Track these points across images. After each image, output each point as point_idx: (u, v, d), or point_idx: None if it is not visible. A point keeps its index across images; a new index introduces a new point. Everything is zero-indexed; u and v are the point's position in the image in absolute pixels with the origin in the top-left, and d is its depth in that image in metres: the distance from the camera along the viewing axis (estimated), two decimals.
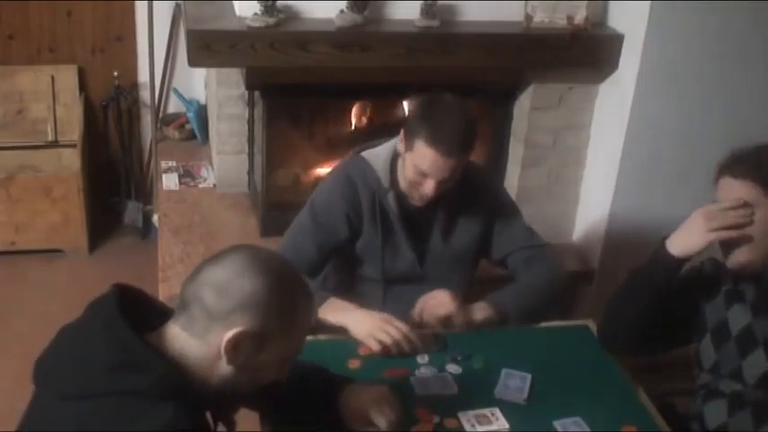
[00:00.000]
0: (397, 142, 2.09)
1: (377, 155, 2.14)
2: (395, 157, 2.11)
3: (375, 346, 1.88)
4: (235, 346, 1.28)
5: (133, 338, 1.25)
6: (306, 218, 2.13)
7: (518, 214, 2.24)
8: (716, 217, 1.71)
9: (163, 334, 1.32)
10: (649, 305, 1.82)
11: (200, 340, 1.29)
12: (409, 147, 2.00)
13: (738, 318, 1.81)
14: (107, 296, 1.31)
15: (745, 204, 1.69)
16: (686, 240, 1.75)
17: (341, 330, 1.95)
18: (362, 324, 1.92)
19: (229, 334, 1.27)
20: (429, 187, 2.00)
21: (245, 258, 1.31)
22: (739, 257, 1.73)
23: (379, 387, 1.69)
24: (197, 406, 1.28)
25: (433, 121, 1.96)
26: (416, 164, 1.98)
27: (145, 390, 1.22)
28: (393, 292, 2.19)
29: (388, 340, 1.88)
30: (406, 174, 2.04)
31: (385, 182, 2.10)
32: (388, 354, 1.88)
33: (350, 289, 2.20)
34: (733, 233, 1.70)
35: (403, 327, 1.92)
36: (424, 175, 1.99)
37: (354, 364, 1.87)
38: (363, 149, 2.17)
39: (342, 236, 2.13)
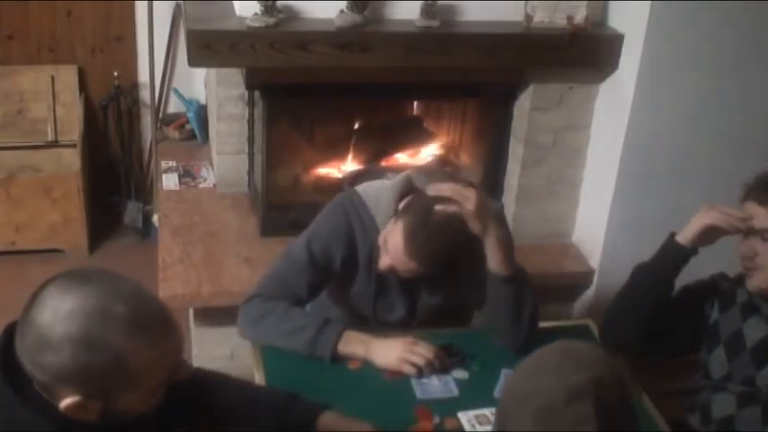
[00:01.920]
0: (397, 187, 1.95)
1: (377, 200, 1.98)
2: (397, 207, 1.94)
3: (410, 371, 1.85)
4: (78, 411, 1.18)
5: (13, 400, 1.18)
6: (302, 253, 1.98)
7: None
8: (719, 209, 1.79)
9: None
10: (653, 298, 1.85)
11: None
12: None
13: (754, 330, 1.82)
14: None
15: (748, 223, 1.76)
16: (690, 227, 1.83)
17: (365, 362, 1.89)
18: (390, 352, 1.88)
19: (62, 406, 1.17)
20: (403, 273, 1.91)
21: (47, 317, 1.16)
22: (760, 281, 1.78)
23: (355, 421, 1.64)
24: None
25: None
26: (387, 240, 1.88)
27: None
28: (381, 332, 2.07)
29: (421, 362, 1.86)
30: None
31: None
32: (421, 375, 1.86)
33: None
34: (732, 221, 1.77)
35: (429, 345, 1.90)
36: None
37: (354, 364, 1.88)
38: (359, 178, 2.05)
39: (335, 275, 2.04)
